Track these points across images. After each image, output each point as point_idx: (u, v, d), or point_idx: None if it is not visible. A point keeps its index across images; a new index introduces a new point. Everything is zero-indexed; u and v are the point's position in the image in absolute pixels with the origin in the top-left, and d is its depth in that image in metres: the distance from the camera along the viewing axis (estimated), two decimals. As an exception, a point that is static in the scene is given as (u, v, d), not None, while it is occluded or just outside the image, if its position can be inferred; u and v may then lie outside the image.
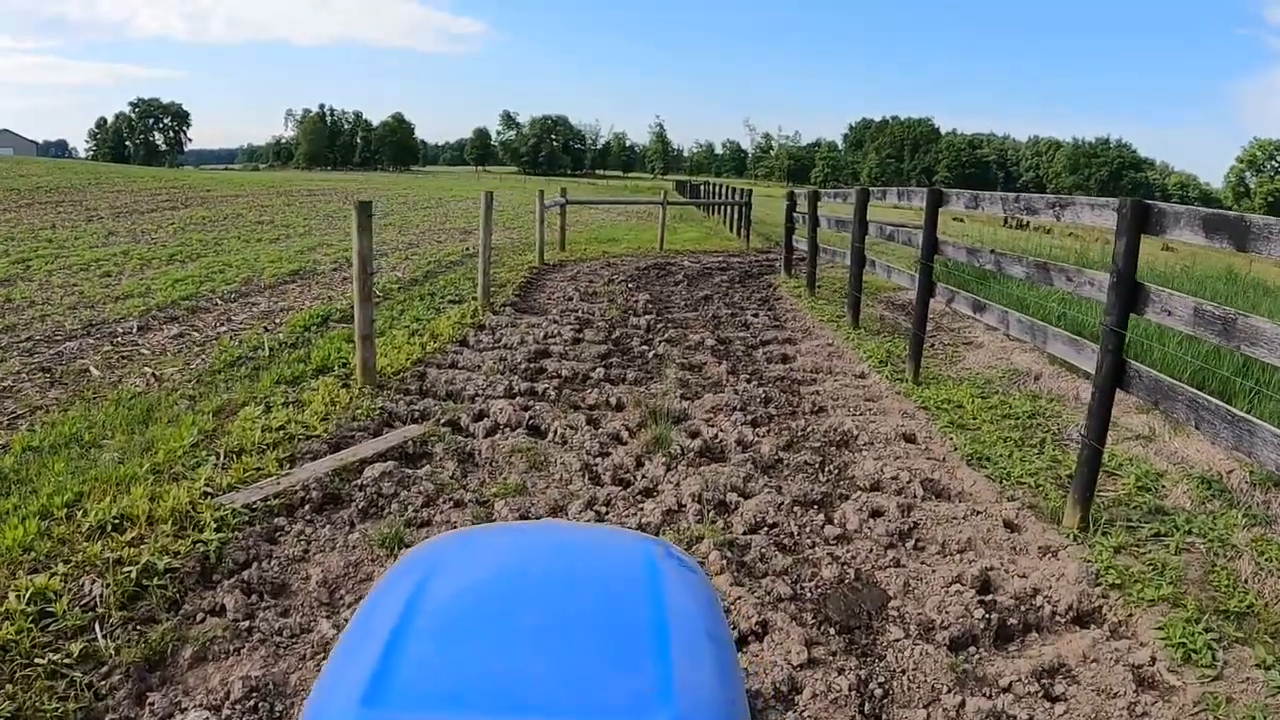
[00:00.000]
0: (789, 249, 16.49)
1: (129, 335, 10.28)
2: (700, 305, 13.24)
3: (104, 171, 51.20)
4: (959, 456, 6.69)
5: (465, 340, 9.76)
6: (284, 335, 9.92)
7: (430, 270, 15.77)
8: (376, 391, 7.57)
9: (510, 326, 10.59)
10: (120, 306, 11.77)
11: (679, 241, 24.25)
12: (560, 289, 14.22)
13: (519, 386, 7.81)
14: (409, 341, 9.38)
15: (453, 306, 11.92)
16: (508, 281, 14.54)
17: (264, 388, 7.70)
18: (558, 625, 1.52)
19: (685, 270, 17.74)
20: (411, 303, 12.13)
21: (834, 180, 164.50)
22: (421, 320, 10.75)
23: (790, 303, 13.69)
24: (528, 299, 13.21)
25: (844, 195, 13.39)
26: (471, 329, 10.31)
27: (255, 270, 15.02)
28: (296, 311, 11.53)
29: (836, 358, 9.89)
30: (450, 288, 13.72)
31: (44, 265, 15.11)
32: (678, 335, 10.62)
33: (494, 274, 15.17)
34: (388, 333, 9.91)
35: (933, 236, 8.58)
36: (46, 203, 29.10)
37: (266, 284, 13.86)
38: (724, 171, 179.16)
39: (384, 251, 18.67)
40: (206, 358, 9.05)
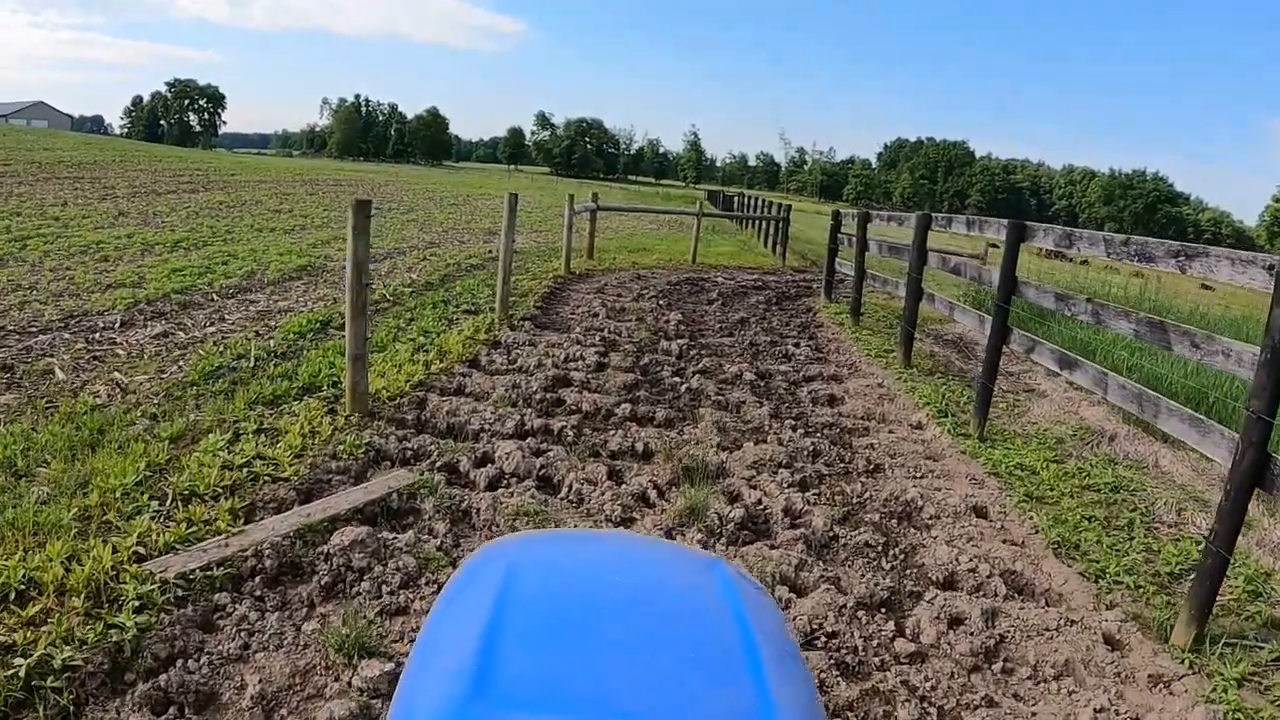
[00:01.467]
0: (831, 272, 15.38)
1: (108, 332, 9.30)
2: (736, 330, 12.16)
3: (131, 149, 50.62)
4: (1043, 542, 5.68)
5: (476, 360, 8.72)
6: (275, 342, 8.89)
7: (448, 274, 14.74)
8: (366, 421, 6.53)
9: (528, 345, 9.54)
10: (107, 297, 10.79)
11: (712, 255, 23.17)
12: (586, 302, 13.16)
13: (532, 422, 6.76)
14: (412, 359, 8.34)
15: (467, 318, 10.88)
16: (530, 291, 13.48)
17: (238, 409, 6.66)
18: (646, 634, 1.53)
19: (720, 288, 16.64)
20: (422, 311, 11.09)
21: (866, 198, 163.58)
22: (430, 334, 9.70)
23: (833, 331, 12.59)
24: (550, 312, 12.15)
25: (899, 219, 12.29)
26: (485, 346, 9.26)
27: (261, 263, 14.02)
28: (296, 314, 10.51)
29: (888, 401, 8.81)
30: (467, 295, 12.67)
31: (42, 245, 14.20)
32: (713, 365, 9.55)
33: (515, 282, 14.15)
34: (389, 347, 8.88)
35: (1012, 275, 7.50)
36: (66, 178, 28.35)
37: (270, 279, 12.85)
38: (756, 184, 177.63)
39: (401, 250, 17.68)
40: (185, 365, 8.03)
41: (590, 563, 1.85)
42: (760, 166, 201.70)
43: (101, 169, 32.82)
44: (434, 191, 41.63)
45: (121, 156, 40.96)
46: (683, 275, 18.06)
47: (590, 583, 1.72)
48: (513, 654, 1.41)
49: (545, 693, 1.34)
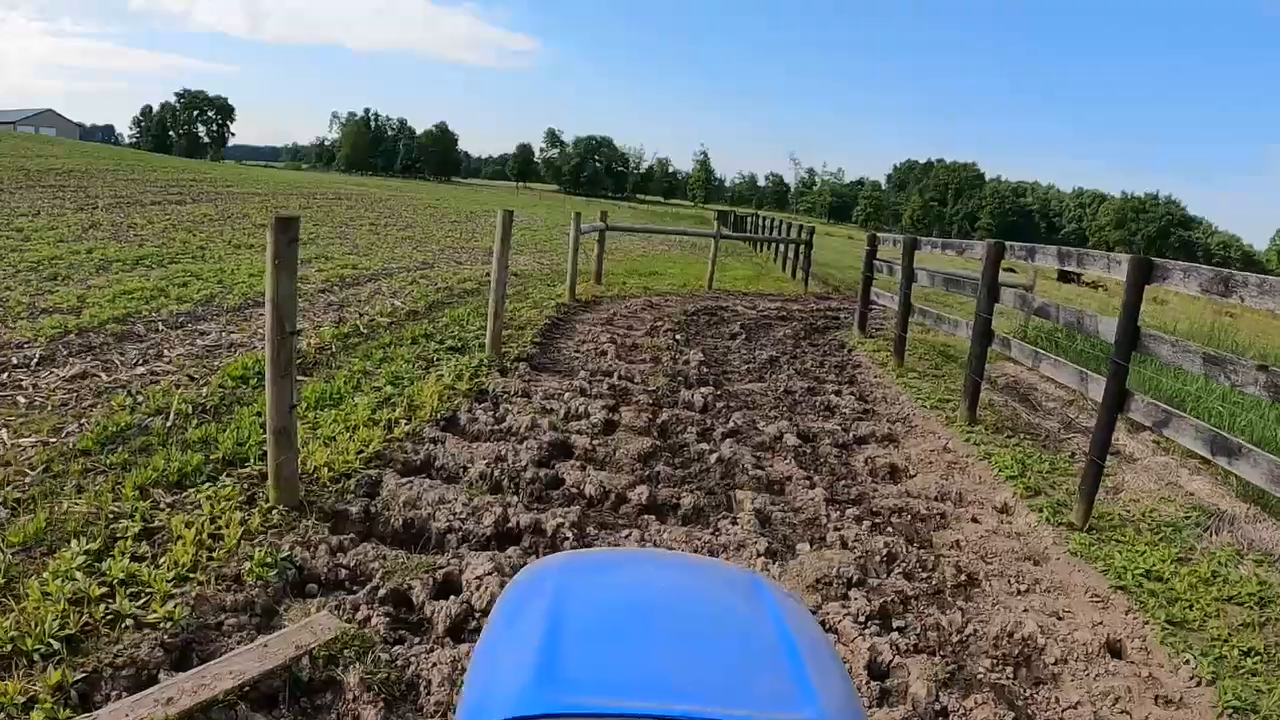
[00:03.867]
0: (865, 302, 13.60)
1: (18, 371, 7.63)
2: (766, 372, 10.44)
3: (127, 158, 49.04)
4: (1209, 703, 4.12)
5: (454, 419, 6.99)
6: (208, 391, 7.18)
7: (438, 300, 12.99)
8: (292, 519, 4.82)
9: (521, 397, 7.81)
10: (36, 325, 9.11)
11: (729, 280, 21.39)
12: (593, 336, 11.41)
13: (518, 518, 5.03)
14: (371, 418, 6.63)
15: (451, 357, 9.15)
16: (529, 323, 11.73)
17: (127, 496, 4.95)
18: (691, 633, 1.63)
19: (741, 318, 14.89)
20: (398, 349, 9.34)
21: (875, 220, 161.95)
22: (401, 380, 7.96)
23: (875, 374, 10.84)
24: (551, 349, 10.41)
25: (958, 246, 10.55)
26: (467, 399, 7.54)
27: (226, 285, 12.32)
28: (247, 350, 8.80)
29: (960, 472, 7.10)
30: (455, 327, 10.94)
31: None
32: (745, 422, 7.83)
33: (513, 312, 12.45)
34: (347, 400, 7.16)
35: (1134, 326, 5.80)
36: (50, 186, 26.79)
37: (230, 305, 11.14)
38: (765, 204, 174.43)
39: (390, 271, 15.97)
40: (89, 421, 6.33)
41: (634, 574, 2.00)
42: (769, 187, 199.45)
43: (90, 178, 31.23)
44: (437, 207, 39.95)
45: (116, 165, 39.36)
46: (700, 303, 16.31)
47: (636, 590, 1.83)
48: (572, 650, 1.49)
49: (604, 679, 1.43)
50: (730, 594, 1.86)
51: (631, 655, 1.53)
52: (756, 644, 1.61)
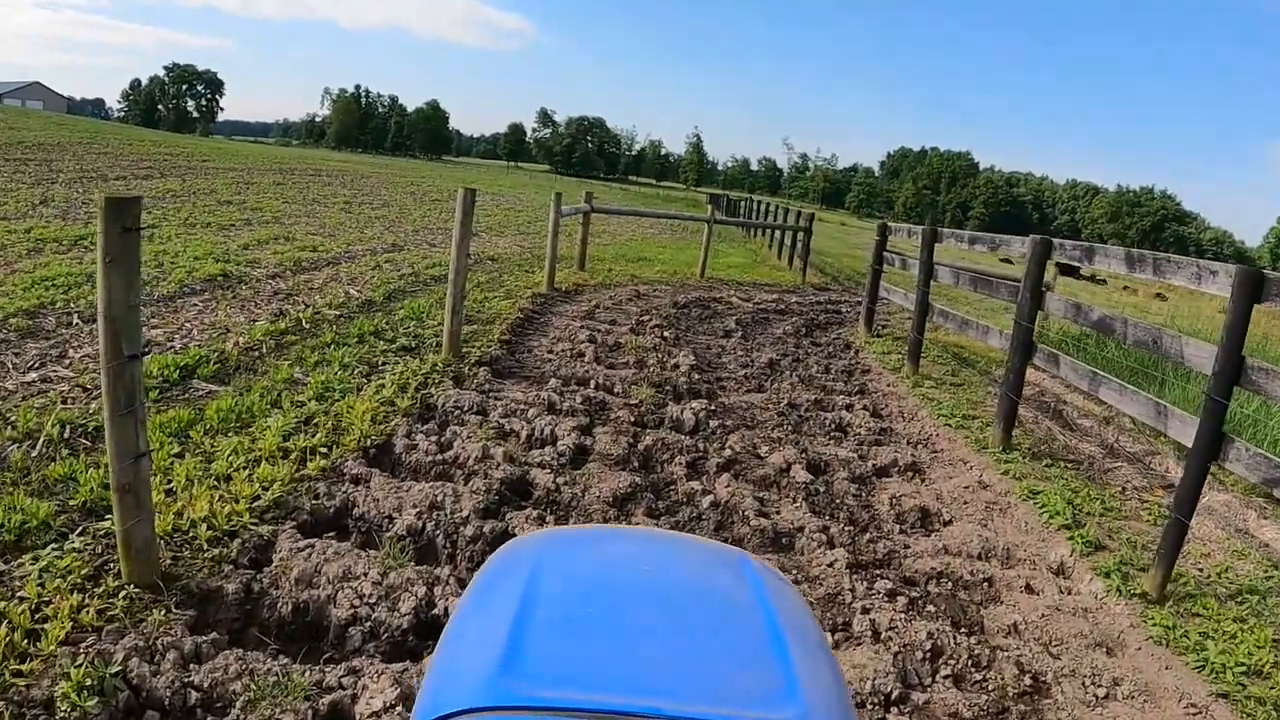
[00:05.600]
0: (874, 297, 12.29)
1: None
2: (766, 379, 9.14)
3: (105, 131, 47.38)
4: None
5: (387, 446, 5.69)
6: (98, 405, 5.89)
7: (399, 288, 11.64)
8: (144, 605, 3.55)
9: (476, 413, 6.51)
10: None
11: (722, 267, 19.99)
12: (570, 334, 10.08)
13: (446, 602, 3.74)
14: (281, 447, 5.34)
15: (400, 360, 7.85)
16: (498, 316, 10.40)
17: None
18: (672, 621, 1.54)
19: (736, 312, 13.53)
20: (338, 349, 8.01)
21: (868, 207, 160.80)
22: (332, 393, 6.66)
23: (888, 382, 9.55)
24: (520, 350, 9.08)
25: (989, 241, 9.23)
26: (407, 418, 6.22)
27: (162, 270, 10.98)
28: (163, 351, 7.51)
29: (1001, 514, 5.87)
30: (412, 321, 9.61)
31: None
32: (744, 448, 6.57)
33: (484, 302, 11.17)
34: (258, 420, 5.85)
35: (1238, 355, 4.56)
36: (14, 159, 25.35)
37: (162, 294, 9.81)
38: (758, 188, 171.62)
39: (353, 254, 14.61)
40: (-68, 448, 5.05)
41: (616, 555, 1.85)
42: (762, 171, 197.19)
43: (60, 151, 29.74)
44: (419, 185, 38.44)
45: (91, 138, 37.75)
46: (691, 294, 14.94)
47: (616, 573, 1.72)
48: (541, 638, 1.41)
49: (573, 672, 1.34)
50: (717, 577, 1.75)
51: (604, 644, 1.44)
52: (741, 634, 1.52)
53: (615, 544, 2.02)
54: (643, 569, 1.76)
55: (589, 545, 1.98)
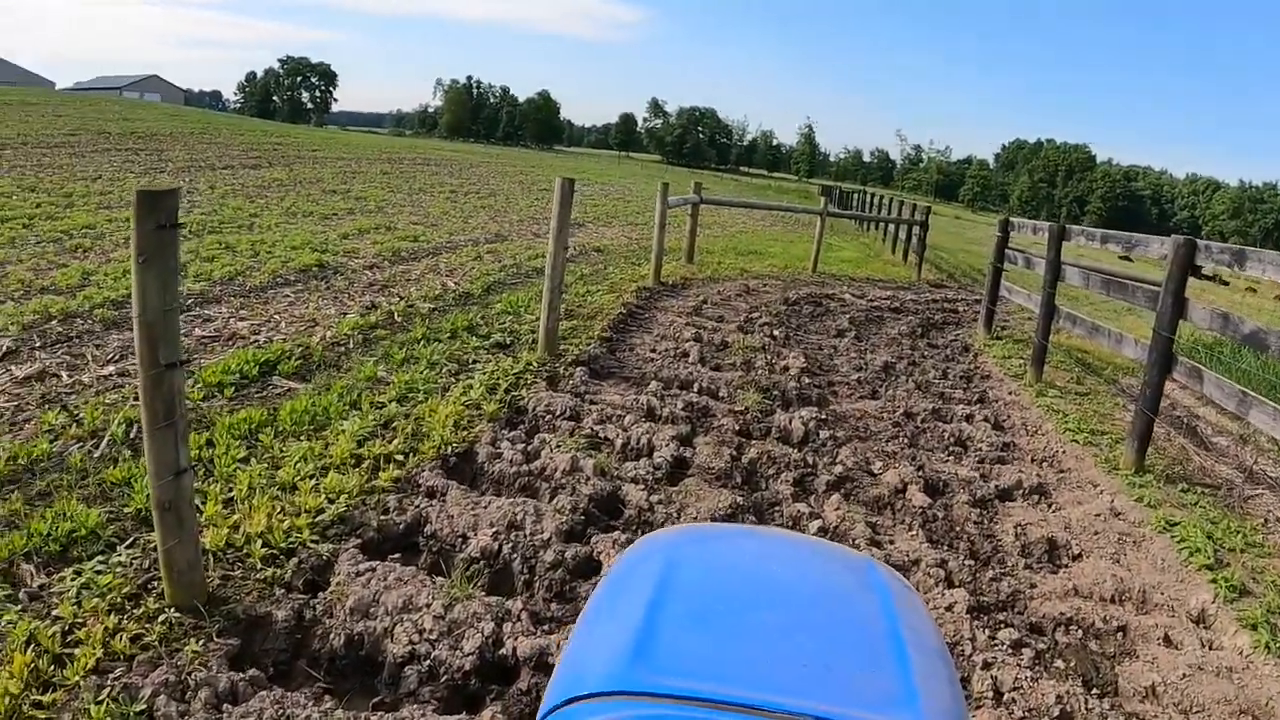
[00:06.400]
0: (994, 297, 11.64)
1: None
2: (881, 384, 8.62)
3: (218, 122, 48.69)
4: None
5: (469, 455, 5.37)
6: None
7: (498, 281, 11.42)
8: (183, 631, 3.28)
9: (568, 420, 6.17)
10: (20, 308, 7.99)
11: (834, 262, 19.39)
12: (674, 331, 9.69)
13: (515, 643, 3.37)
14: (354, 454, 5.09)
15: (492, 358, 7.58)
16: (600, 311, 10.07)
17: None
18: (796, 622, 1.57)
19: (849, 310, 12.99)
20: (429, 345, 7.76)
21: (982, 200, 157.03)
22: (415, 393, 6.40)
23: (1009, 390, 8.92)
24: (621, 348, 8.73)
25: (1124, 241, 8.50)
26: (493, 423, 5.90)
27: (258, 260, 10.96)
28: (245, 345, 7.38)
29: (1135, 548, 5.25)
30: (509, 315, 9.35)
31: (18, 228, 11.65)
32: (856, 463, 6.09)
33: (586, 296, 10.86)
34: (333, 424, 5.61)
35: None
36: (126, 150, 26.19)
37: (257, 283, 9.75)
38: (870, 180, 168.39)
39: (455, 244, 14.49)
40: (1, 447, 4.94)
41: (747, 554, 1.88)
42: (875, 163, 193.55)
43: (172, 141, 30.59)
44: (528, 175, 38.53)
45: (203, 129, 38.79)
46: (802, 289, 14.41)
47: (746, 571, 1.76)
48: (671, 630, 1.45)
49: (699, 665, 1.37)
50: (844, 581, 1.76)
51: (732, 639, 1.46)
52: (863, 638, 1.53)
53: (748, 542, 2.06)
54: (773, 568, 1.78)
55: (723, 542, 2.01)
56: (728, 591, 1.65)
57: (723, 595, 1.63)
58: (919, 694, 1.39)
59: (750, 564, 1.81)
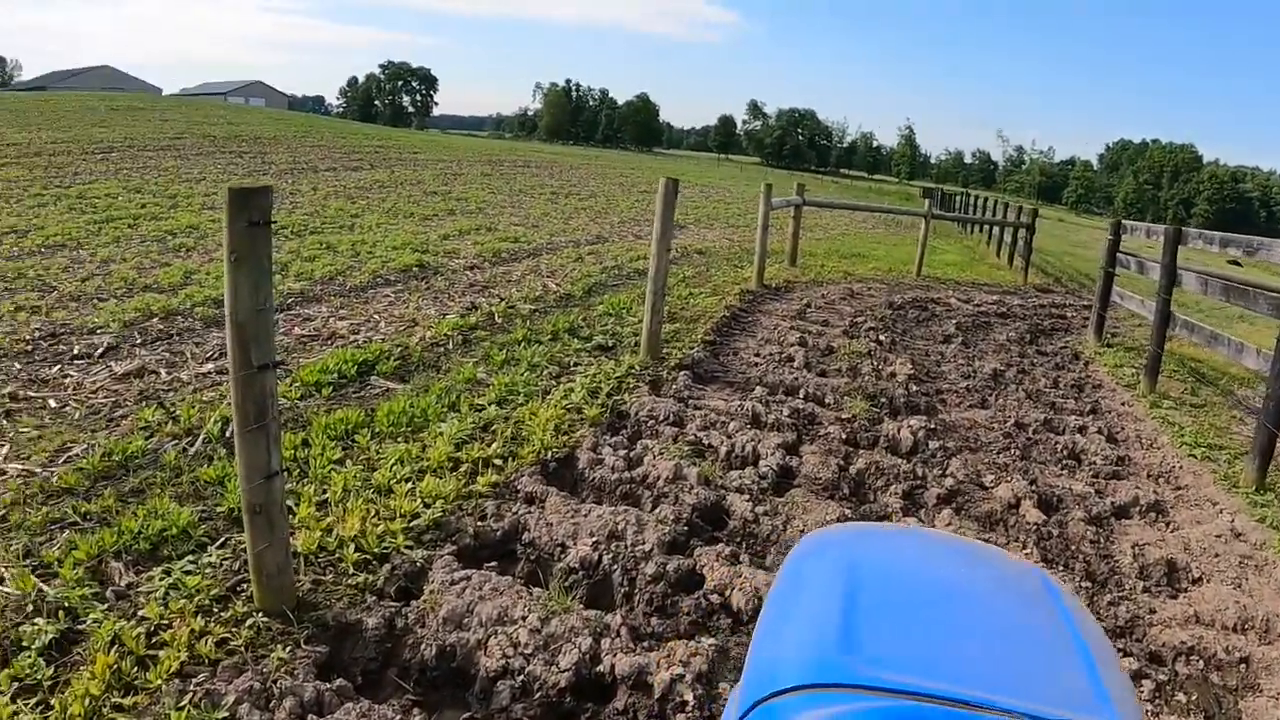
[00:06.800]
0: (1105, 302, 11.17)
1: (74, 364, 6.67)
2: (989, 392, 8.30)
3: (320, 125, 49.71)
4: None
5: (570, 460, 5.24)
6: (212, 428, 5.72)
7: (599, 282, 11.33)
8: (271, 637, 3.20)
9: (671, 425, 6.00)
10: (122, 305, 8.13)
11: (938, 265, 18.92)
12: (779, 335, 9.47)
13: (613, 660, 3.22)
14: (452, 457, 4.98)
15: (594, 361, 7.45)
16: (702, 315, 9.89)
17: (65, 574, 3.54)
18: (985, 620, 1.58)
19: (954, 314, 12.61)
20: (530, 347, 7.67)
21: (1085, 202, 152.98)
22: (516, 395, 6.31)
23: (1121, 400, 8.50)
24: (724, 352, 8.53)
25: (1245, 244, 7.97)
26: (595, 428, 5.76)
27: (358, 260, 11.03)
28: (345, 344, 7.38)
29: (1258, 573, 4.82)
30: (611, 317, 9.23)
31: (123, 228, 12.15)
32: (967, 476, 5.80)
33: (688, 299, 10.70)
34: (431, 426, 5.52)
35: None
36: (230, 153, 26.89)
37: (357, 283, 9.81)
38: (972, 182, 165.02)
39: (555, 246, 14.47)
40: (98, 443, 4.96)
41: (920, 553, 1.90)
42: (976, 164, 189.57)
43: (275, 144, 31.30)
44: (628, 177, 38.55)
45: (305, 132, 39.63)
46: (907, 293, 14.05)
47: (925, 570, 1.77)
48: (870, 624, 1.44)
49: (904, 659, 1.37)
50: (1019, 584, 1.74)
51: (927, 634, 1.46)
52: (1047, 638, 1.53)
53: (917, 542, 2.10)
54: (948, 568, 1.79)
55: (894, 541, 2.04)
56: (913, 589, 1.66)
57: (910, 592, 1.64)
58: (1110, 696, 1.39)
59: (926, 563, 1.83)
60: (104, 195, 15.26)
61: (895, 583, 1.66)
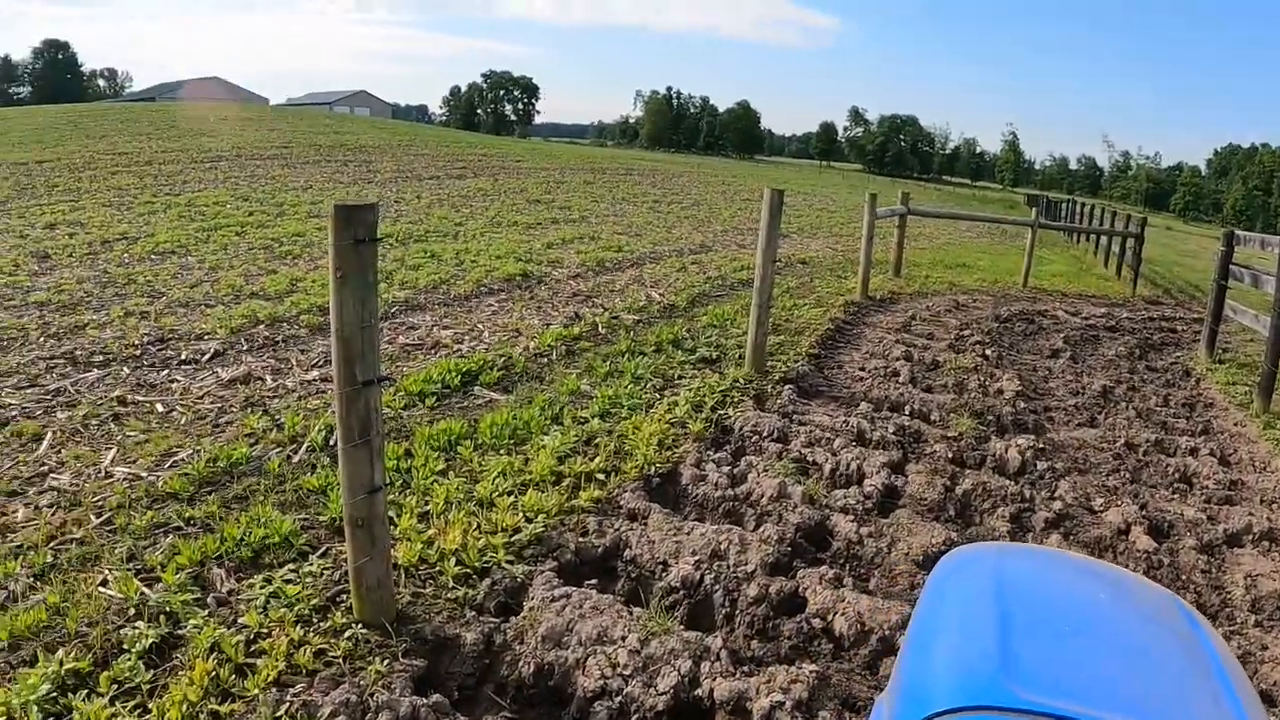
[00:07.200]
0: (1217, 317, 10.75)
1: (181, 369, 6.79)
2: (1098, 410, 8.02)
3: (425, 134, 50.59)
4: None
5: (673, 476, 5.19)
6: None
7: (703, 293, 11.27)
8: (369, 649, 3.20)
9: (775, 441, 5.92)
10: (230, 312, 8.30)
11: (1045, 276, 18.40)
12: (884, 349, 9.29)
13: (712, 685, 3.12)
14: (554, 471, 4.96)
15: (699, 373, 7.39)
16: (807, 326, 9.77)
17: (169, 579, 3.62)
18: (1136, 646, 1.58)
19: (1063, 329, 12.22)
20: (633, 358, 7.65)
21: (1194, 209, 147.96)
22: (619, 408, 6.28)
23: (1234, 420, 8.11)
24: (829, 365, 8.42)
25: None
26: (699, 443, 5.70)
27: (462, 269, 11.15)
28: (448, 354, 7.44)
29: None
30: (715, 328, 9.16)
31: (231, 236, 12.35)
32: (1076, 499, 5.58)
33: (792, 310, 10.58)
34: (534, 440, 5.51)
35: None
36: (335, 161, 27.50)
37: (461, 292, 9.91)
38: (1077, 189, 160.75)
39: (659, 255, 14.46)
40: (203, 449, 5.06)
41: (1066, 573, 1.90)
42: (1081, 171, 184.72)
43: (379, 153, 31.89)
44: (730, 184, 38.44)
45: (410, 141, 40.35)
46: (1013, 305, 13.68)
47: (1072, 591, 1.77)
48: (1026, 647, 1.44)
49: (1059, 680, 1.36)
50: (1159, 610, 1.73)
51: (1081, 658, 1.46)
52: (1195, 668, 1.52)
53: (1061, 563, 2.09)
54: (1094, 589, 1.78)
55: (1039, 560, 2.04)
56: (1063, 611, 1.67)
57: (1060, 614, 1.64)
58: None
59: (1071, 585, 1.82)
60: (212, 203, 15.72)
61: (1045, 604, 1.67)
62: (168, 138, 29.98)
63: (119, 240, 11.64)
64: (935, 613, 1.67)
